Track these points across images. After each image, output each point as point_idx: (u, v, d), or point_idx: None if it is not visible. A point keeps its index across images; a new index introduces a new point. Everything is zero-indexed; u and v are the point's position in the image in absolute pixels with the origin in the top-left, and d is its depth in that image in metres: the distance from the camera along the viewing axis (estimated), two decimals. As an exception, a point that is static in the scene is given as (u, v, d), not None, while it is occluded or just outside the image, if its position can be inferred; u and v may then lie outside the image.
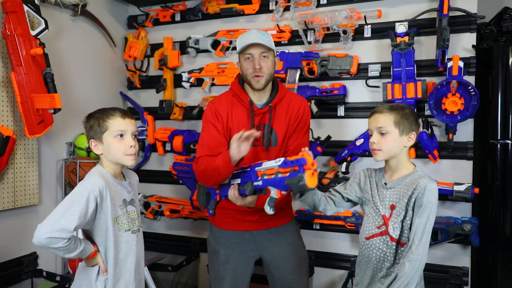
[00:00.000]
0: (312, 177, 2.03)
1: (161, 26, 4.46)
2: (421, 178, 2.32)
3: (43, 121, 3.34)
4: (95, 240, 2.28)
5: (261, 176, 2.28)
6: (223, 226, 2.94)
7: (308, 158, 2.03)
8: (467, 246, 3.41)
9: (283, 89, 2.91)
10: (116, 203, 2.30)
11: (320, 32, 3.69)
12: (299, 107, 2.86)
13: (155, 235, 4.50)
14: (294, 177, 2.06)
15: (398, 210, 2.34)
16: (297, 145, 2.81)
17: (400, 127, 2.34)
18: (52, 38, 3.68)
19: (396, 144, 2.36)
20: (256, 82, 2.75)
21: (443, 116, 3.21)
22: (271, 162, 2.23)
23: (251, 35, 2.74)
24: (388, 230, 2.35)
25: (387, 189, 2.42)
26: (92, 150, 2.34)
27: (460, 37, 3.37)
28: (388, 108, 2.38)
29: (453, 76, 3.11)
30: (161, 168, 4.49)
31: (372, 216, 2.45)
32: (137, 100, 4.57)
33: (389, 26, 3.51)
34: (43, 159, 3.66)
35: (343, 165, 3.58)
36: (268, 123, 2.81)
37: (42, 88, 3.27)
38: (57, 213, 2.09)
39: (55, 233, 2.03)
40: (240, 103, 2.86)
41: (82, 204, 2.12)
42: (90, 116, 2.35)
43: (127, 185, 2.45)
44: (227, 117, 2.85)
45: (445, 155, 3.41)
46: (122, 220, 2.34)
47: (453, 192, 3.25)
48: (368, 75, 3.61)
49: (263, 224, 2.81)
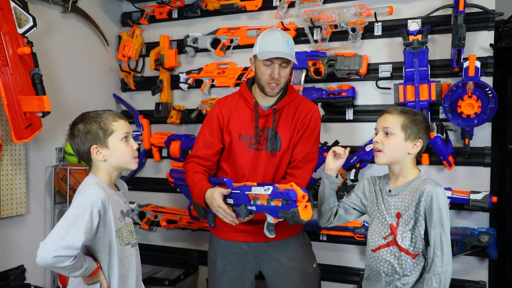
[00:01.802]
0: (306, 210, 2.12)
1: (157, 24, 4.46)
2: (426, 183, 2.31)
3: (31, 125, 3.32)
4: (97, 256, 2.25)
5: (253, 201, 2.34)
6: (221, 235, 2.95)
7: (298, 191, 2.09)
8: (484, 259, 3.39)
9: (293, 93, 2.91)
10: (116, 215, 2.28)
11: (327, 30, 3.68)
12: (307, 112, 2.86)
13: (151, 247, 4.49)
14: (287, 211, 2.15)
15: (405, 219, 2.34)
16: (305, 154, 2.83)
17: (406, 132, 2.34)
18: (41, 36, 3.66)
19: (400, 148, 2.36)
20: (271, 90, 2.78)
21: (458, 120, 3.20)
22: (260, 189, 2.33)
23: (276, 40, 2.72)
24: (396, 239, 2.35)
25: (391, 196, 2.42)
26: (94, 157, 2.30)
27: (477, 35, 3.36)
28: (399, 110, 2.39)
29: (470, 77, 3.10)
30: (157, 175, 4.49)
31: (378, 226, 2.45)
32: (131, 102, 4.57)
33: (401, 23, 3.51)
34: (31, 165, 3.64)
35: (352, 172, 3.57)
36: (272, 126, 2.81)
37: (30, 89, 3.26)
38: (61, 229, 2.05)
39: (61, 251, 2.00)
40: (246, 104, 2.89)
41: (86, 218, 2.10)
42: (83, 121, 2.30)
43: (122, 195, 2.44)
44: (229, 118, 2.89)
45: (461, 162, 3.39)
46: (123, 233, 2.32)
47: (469, 201, 3.23)
48: (379, 76, 3.60)
49: (262, 236, 2.79)
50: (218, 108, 2.93)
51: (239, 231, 2.85)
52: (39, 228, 3.68)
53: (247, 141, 2.86)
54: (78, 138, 2.29)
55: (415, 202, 2.30)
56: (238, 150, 2.86)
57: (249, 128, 2.85)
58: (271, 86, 2.76)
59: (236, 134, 2.86)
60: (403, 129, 2.34)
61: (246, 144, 2.86)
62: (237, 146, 2.87)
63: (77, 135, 2.29)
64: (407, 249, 2.32)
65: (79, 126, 2.29)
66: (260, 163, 2.82)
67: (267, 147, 2.82)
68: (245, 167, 2.85)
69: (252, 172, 2.83)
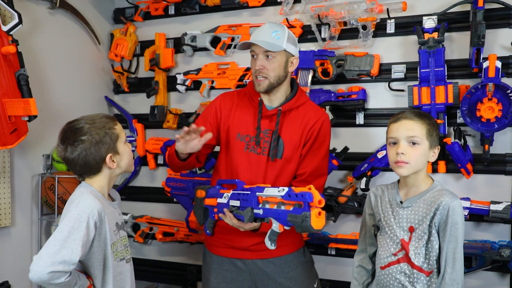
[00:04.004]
0: (319, 218, 2.06)
1: (152, 21, 4.47)
2: (443, 195, 2.30)
3: (16, 130, 3.31)
4: (90, 272, 2.25)
5: (263, 204, 2.30)
6: (214, 251, 2.95)
7: (315, 194, 2.04)
8: (505, 274, 3.37)
9: (303, 97, 2.92)
10: (111, 228, 2.29)
11: (336, 28, 3.68)
12: (317, 120, 2.85)
13: (146, 262, 4.48)
14: (298, 215, 2.09)
15: (419, 233, 2.32)
16: (314, 168, 2.82)
17: (430, 140, 2.34)
18: (27, 34, 3.67)
19: (424, 158, 2.36)
20: (258, 85, 2.81)
21: (477, 124, 3.20)
22: (274, 190, 2.26)
23: (260, 30, 2.80)
24: (409, 255, 2.34)
25: (403, 208, 2.40)
26: (107, 166, 2.32)
27: (497, 33, 3.36)
28: (417, 115, 2.37)
29: (490, 78, 3.10)
30: (152, 184, 4.49)
31: (386, 241, 2.44)
32: (124, 105, 4.58)
33: (415, 20, 3.51)
34: (16, 173, 3.64)
35: (363, 181, 3.56)
36: (275, 129, 2.81)
37: (15, 92, 3.26)
38: (56, 242, 2.05)
39: (57, 266, 2.00)
40: (249, 102, 2.91)
41: (82, 230, 2.10)
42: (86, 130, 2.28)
43: (117, 205, 2.44)
44: (228, 113, 2.92)
45: (480, 169, 3.38)
46: (118, 248, 2.32)
47: (489, 212, 3.22)
48: (392, 77, 3.59)
49: (256, 253, 2.77)
50: (219, 101, 2.97)
51: (233, 248, 2.85)
52: (25, 241, 3.67)
53: (245, 142, 2.86)
54: (88, 150, 2.28)
55: (430, 216, 2.29)
56: (235, 151, 2.87)
57: (250, 128, 2.86)
58: (257, 80, 2.79)
59: (234, 133, 2.88)
60: (428, 137, 2.33)
61: (243, 145, 2.86)
62: (233, 146, 2.88)
63: (85, 147, 2.27)
64: (420, 266, 2.31)
65: (84, 137, 2.27)
66: (259, 168, 2.82)
67: (267, 151, 2.81)
68: (242, 170, 2.84)
69: (250, 177, 2.80)
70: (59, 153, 2.34)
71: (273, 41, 2.74)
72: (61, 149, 2.33)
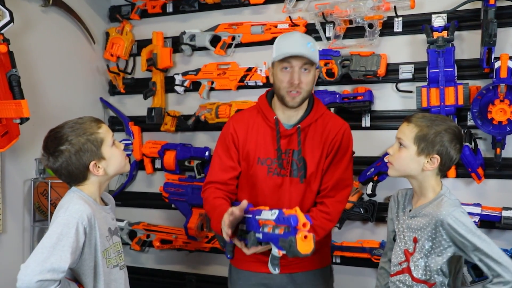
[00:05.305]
0: (305, 241, 2.04)
1: (149, 19, 4.48)
2: (440, 207, 2.26)
3: (7, 133, 3.32)
4: (81, 280, 2.25)
5: (262, 227, 2.30)
6: (240, 266, 2.91)
7: (299, 217, 2.03)
8: (519, 284, 3.38)
9: (320, 108, 2.86)
10: (103, 234, 2.28)
11: (341, 26, 3.69)
12: (338, 131, 2.80)
13: (143, 271, 4.49)
14: (285, 239, 2.07)
15: (420, 245, 2.31)
16: (337, 181, 2.77)
17: (420, 145, 2.30)
18: (19, 33, 3.67)
19: (412, 163, 2.33)
20: (291, 99, 2.70)
21: (489, 127, 3.20)
22: (268, 213, 2.25)
23: (294, 41, 2.69)
24: (409, 267, 2.33)
25: (410, 217, 2.40)
26: (92, 174, 2.32)
27: (509, 32, 3.36)
28: (420, 119, 2.34)
29: (501, 79, 3.10)
30: (149, 189, 4.49)
31: (396, 250, 2.45)
32: (120, 107, 4.59)
33: (424, 18, 3.52)
34: (7, 178, 3.64)
35: (369, 186, 3.56)
36: (298, 149, 2.75)
37: (6, 93, 3.27)
38: (44, 249, 2.05)
39: (45, 275, 1.99)
40: (265, 122, 2.83)
41: (71, 237, 2.10)
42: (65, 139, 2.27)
43: (110, 210, 2.44)
44: (245, 138, 2.83)
45: (491, 174, 3.38)
46: (110, 254, 2.32)
47: (501, 219, 3.23)
48: (399, 77, 3.60)
49: (284, 267, 2.76)
50: (232, 126, 2.87)
51: (260, 261, 2.76)
52: (17, 249, 3.68)
53: (267, 165, 2.79)
54: (68, 160, 2.27)
55: (429, 228, 2.27)
56: (257, 176, 2.80)
57: (270, 151, 2.79)
58: (291, 95, 2.68)
59: (254, 158, 2.80)
60: (416, 141, 2.31)
61: (266, 169, 2.79)
62: (256, 172, 2.80)
63: (66, 157, 2.26)
64: (419, 278, 2.30)
65: (63, 147, 2.26)
66: (284, 191, 2.76)
67: (291, 172, 2.76)
68: (266, 195, 2.78)
69: (273, 202, 2.72)
70: (43, 162, 2.35)
71: (311, 53, 2.67)
72: (44, 159, 2.33)
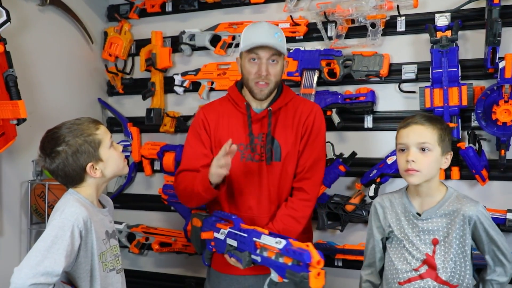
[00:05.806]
0: (318, 278, 2.08)
1: (148, 18, 4.47)
2: (462, 203, 2.28)
3: (4, 134, 3.32)
4: (77, 284, 2.24)
5: (260, 251, 2.32)
6: (221, 269, 2.87)
7: (313, 255, 2.05)
8: (524, 287, 3.38)
9: (289, 93, 2.92)
10: (99, 237, 2.28)
11: (343, 25, 3.68)
12: (309, 113, 2.85)
13: (141, 274, 4.48)
14: (296, 273, 2.11)
15: (445, 246, 2.30)
16: (313, 161, 2.81)
17: (442, 145, 2.32)
18: (16, 32, 3.66)
19: (436, 165, 2.34)
20: (259, 91, 2.76)
21: (493, 128, 3.18)
22: (271, 240, 2.28)
23: (261, 31, 2.73)
24: (437, 270, 2.31)
25: (422, 220, 2.38)
26: (89, 175, 2.32)
27: (514, 31, 3.36)
28: (428, 120, 2.36)
29: (506, 79, 3.09)
30: (148, 191, 4.49)
31: (404, 256, 2.42)
32: (119, 108, 4.58)
33: (427, 18, 3.51)
34: (3, 180, 3.63)
35: (371, 188, 3.54)
36: (268, 131, 2.78)
37: (3, 93, 3.26)
38: (38, 252, 2.05)
39: (39, 278, 1.99)
40: (236, 108, 2.87)
41: (66, 240, 2.09)
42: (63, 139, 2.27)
43: (107, 213, 2.44)
44: (216, 125, 2.87)
45: (496, 176, 3.37)
46: (107, 258, 2.32)
47: (505, 221, 3.21)
48: (402, 77, 3.59)
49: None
50: (202, 114, 2.91)
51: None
52: (14, 252, 3.66)
53: (240, 151, 2.81)
54: (65, 161, 2.27)
55: (455, 226, 2.27)
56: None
57: (241, 136, 2.83)
58: (259, 86, 2.74)
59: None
60: (440, 142, 2.31)
61: (239, 154, 2.81)
62: None
63: (62, 159, 2.27)
64: (447, 280, 2.29)
65: (60, 148, 2.26)
66: (260, 176, 2.79)
67: (265, 157, 2.79)
68: (240, 182, 2.81)
69: (250, 188, 2.79)
70: (40, 163, 2.34)
71: (278, 44, 2.71)
72: (41, 160, 2.33)
